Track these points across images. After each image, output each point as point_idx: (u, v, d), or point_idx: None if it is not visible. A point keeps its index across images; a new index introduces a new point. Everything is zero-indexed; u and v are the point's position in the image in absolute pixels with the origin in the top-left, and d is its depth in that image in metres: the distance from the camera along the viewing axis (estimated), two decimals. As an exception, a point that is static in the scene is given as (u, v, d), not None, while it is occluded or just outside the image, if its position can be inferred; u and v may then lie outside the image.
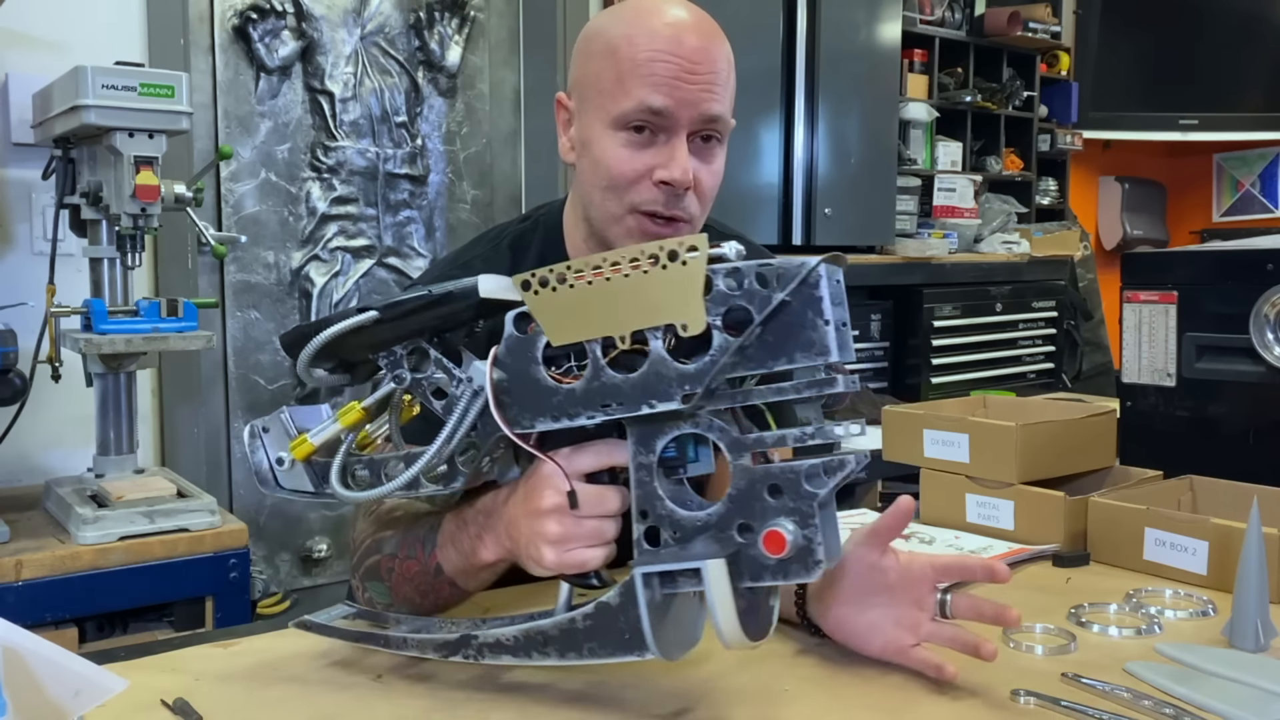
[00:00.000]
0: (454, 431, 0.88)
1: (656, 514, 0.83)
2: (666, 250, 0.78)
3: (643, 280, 0.79)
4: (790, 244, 3.20)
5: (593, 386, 0.83)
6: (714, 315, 0.79)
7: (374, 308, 0.88)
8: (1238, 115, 4.64)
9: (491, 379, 0.86)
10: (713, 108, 1.08)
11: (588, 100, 1.12)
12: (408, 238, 2.92)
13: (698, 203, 1.11)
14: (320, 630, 0.99)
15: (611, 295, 0.80)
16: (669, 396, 0.80)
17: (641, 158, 1.08)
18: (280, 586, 2.73)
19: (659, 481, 0.83)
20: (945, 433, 1.46)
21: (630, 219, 1.11)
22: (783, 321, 0.77)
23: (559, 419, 0.85)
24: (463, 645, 0.91)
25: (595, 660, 0.85)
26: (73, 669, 0.66)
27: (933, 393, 3.50)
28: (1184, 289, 1.57)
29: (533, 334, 0.85)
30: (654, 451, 0.83)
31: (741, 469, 0.81)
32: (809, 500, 0.79)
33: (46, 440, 2.26)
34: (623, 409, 0.82)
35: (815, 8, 3.17)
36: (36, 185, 2.23)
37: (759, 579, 0.81)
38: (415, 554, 1.01)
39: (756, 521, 0.81)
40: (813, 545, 0.79)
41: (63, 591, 1.75)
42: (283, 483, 0.97)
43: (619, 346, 0.82)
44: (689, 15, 1.10)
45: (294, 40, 2.67)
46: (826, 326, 0.76)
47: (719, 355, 0.78)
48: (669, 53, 1.06)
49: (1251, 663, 0.99)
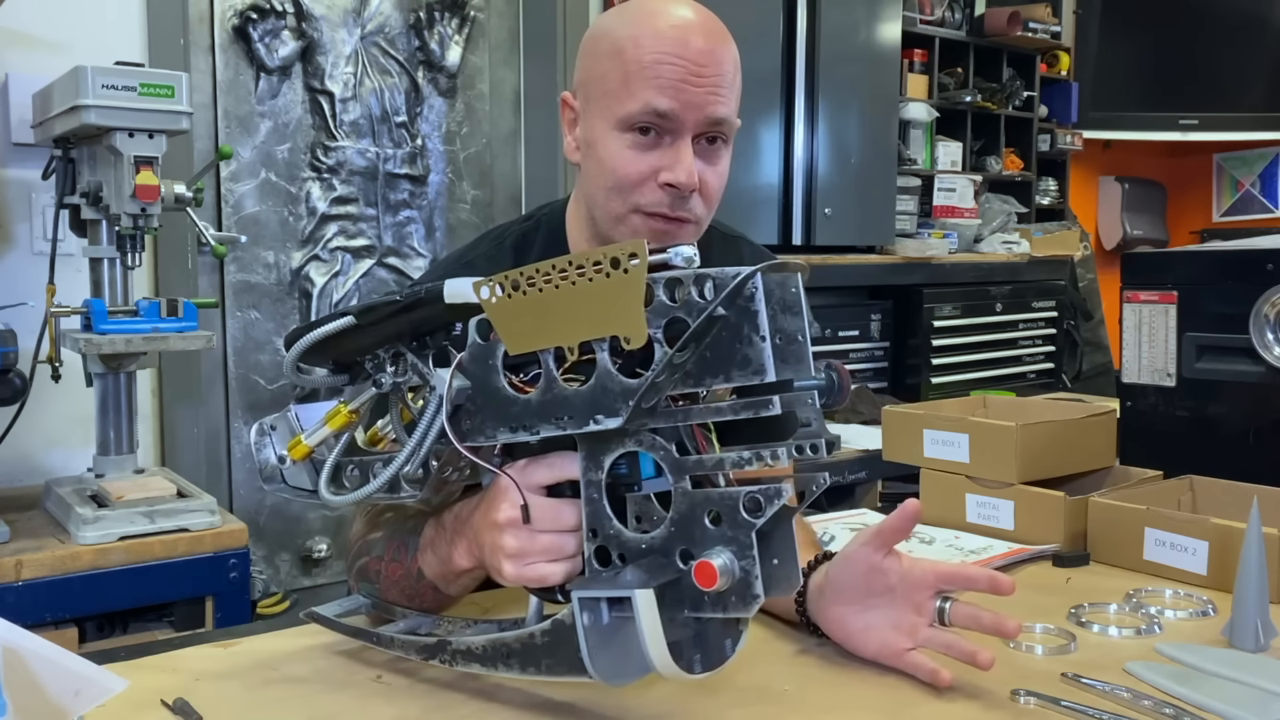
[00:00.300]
0: (422, 438, 0.86)
1: (605, 533, 0.80)
2: (610, 257, 0.73)
3: (589, 289, 0.75)
4: (790, 244, 3.20)
5: (546, 398, 0.80)
6: (655, 327, 0.73)
7: (350, 312, 0.88)
8: (1238, 115, 4.64)
9: (451, 388, 0.83)
10: (718, 110, 1.08)
11: (593, 101, 1.12)
12: (408, 238, 2.92)
13: (703, 204, 1.11)
14: (325, 623, 1.01)
15: (563, 303, 0.76)
16: (615, 412, 0.76)
17: (646, 159, 1.08)
18: (280, 586, 2.73)
19: (606, 500, 0.80)
20: (945, 433, 1.46)
21: (634, 219, 1.11)
22: (720, 337, 0.73)
23: (515, 430, 0.82)
24: (439, 650, 0.90)
25: (552, 678, 0.83)
26: (73, 669, 0.66)
27: (933, 393, 3.50)
28: (1184, 289, 1.57)
29: (494, 341, 0.83)
30: (602, 469, 0.80)
31: (682, 493, 0.77)
32: (746, 530, 0.74)
33: (46, 440, 2.26)
34: (573, 423, 0.78)
35: (815, 8, 3.17)
36: (36, 185, 2.23)
37: (699, 609, 0.76)
38: (399, 557, 1.01)
39: (697, 548, 0.76)
40: (750, 578, 0.74)
41: (63, 591, 1.75)
42: (288, 479, 0.98)
43: (568, 358, 0.78)
44: (696, 16, 1.09)
45: (294, 40, 2.67)
46: (763, 343, 0.71)
47: (658, 371, 0.74)
48: (675, 54, 1.06)
49: (1251, 663, 0.99)
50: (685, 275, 0.73)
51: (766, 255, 1.36)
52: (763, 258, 1.33)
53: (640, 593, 0.74)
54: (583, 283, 0.75)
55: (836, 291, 3.42)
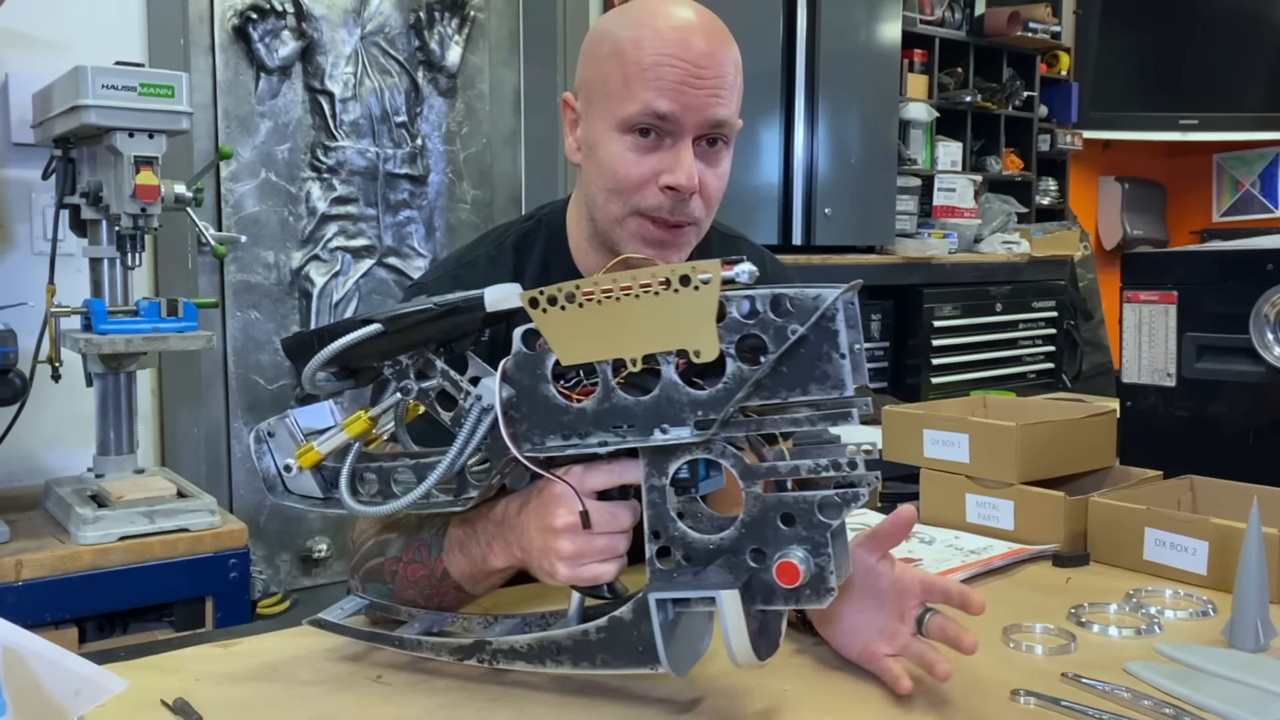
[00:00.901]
0: (464, 447, 0.88)
1: (669, 535, 0.84)
2: (679, 275, 0.77)
3: (654, 303, 0.79)
4: (790, 244, 3.20)
5: (604, 407, 0.83)
6: (727, 342, 0.78)
7: (378, 319, 0.88)
8: (1238, 115, 4.64)
9: (501, 397, 0.86)
10: (719, 112, 1.08)
11: (594, 102, 1.11)
12: (408, 238, 2.92)
13: (703, 206, 1.11)
14: (334, 629, 0.99)
15: (622, 316, 0.80)
16: (681, 421, 0.81)
17: (647, 161, 1.08)
18: (280, 586, 2.73)
19: (671, 503, 0.84)
20: (945, 433, 1.46)
21: (633, 221, 1.11)
22: (798, 354, 0.78)
23: (569, 438, 0.85)
24: (476, 650, 0.91)
25: (607, 671, 0.86)
26: (73, 669, 0.66)
27: (933, 393, 3.50)
28: (1184, 289, 1.57)
29: (541, 350, 0.85)
30: (666, 475, 0.84)
31: (754, 497, 0.82)
32: (822, 530, 0.80)
33: (46, 440, 2.26)
34: (633, 431, 0.82)
35: (815, 8, 3.17)
36: (36, 185, 2.23)
37: (770, 602, 0.82)
38: (421, 558, 1.01)
39: (769, 548, 0.82)
40: (825, 573, 0.80)
41: (63, 591, 1.75)
42: (291, 488, 0.96)
43: (629, 368, 0.82)
44: (696, 18, 1.09)
45: (294, 40, 2.67)
46: (843, 360, 0.77)
47: (734, 386, 0.78)
48: (676, 56, 1.05)
49: (1251, 663, 0.99)
50: (761, 295, 0.78)
51: (765, 255, 1.36)
52: (761, 256, 1.33)
53: (727, 593, 0.79)
54: (648, 298, 0.79)
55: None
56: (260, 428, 0.96)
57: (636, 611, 0.83)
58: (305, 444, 0.95)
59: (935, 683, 0.93)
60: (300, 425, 0.96)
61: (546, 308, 0.82)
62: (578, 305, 0.81)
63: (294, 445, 0.95)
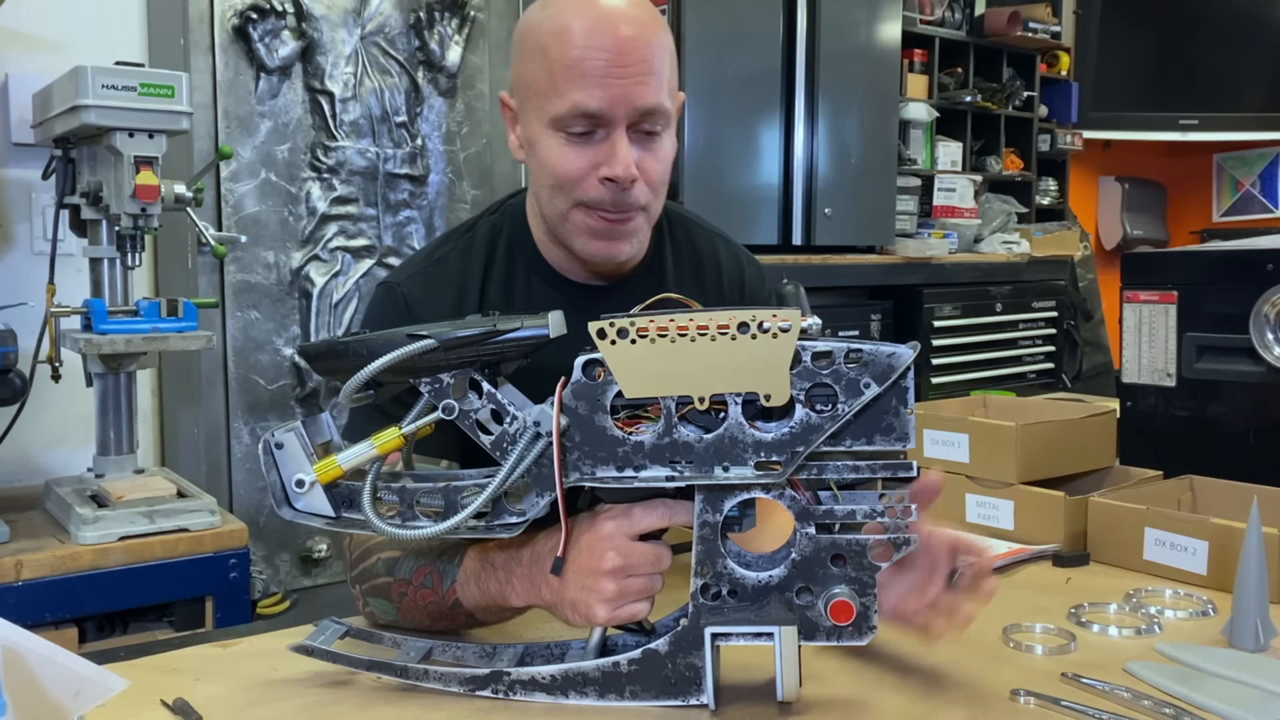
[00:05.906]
0: (510, 474, 0.87)
1: (715, 571, 0.87)
2: (758, 321, 0.81)
3: (727, 345, 0.82)
4: (790, 244, 3.20)
5: (663, 441, 0.85)
6: (798, 389, 0.82)
7: (431, 336, 0.86)
8: (1238, 115, 4.64)
9: (559, 427, 0.86)
10: (647, 99, 1.05)
11: (527, 100, 1.10)
12: (408, 238, 2.91)
13: (648, 191, 1.09)
14: (326, 657, 0.95)
15: (691, 355, 0.82)
16: (743, 461, 0.84)
17: (584, 155, 1.06)
18: (280, 586, 2.73)
19: (723, 540, 0.87)
20: (945, 433, 1.46)
21: (578, 215, 1.09)
22: (868, 406, 0.82)
23: (623, 469, 0.86)
24: (492, 681, 0.91)
25: (635, 703, 0.88)
26: (73, 669, 0.66)
27: (933, 393, 3.50)
28: (1184, 289, 1.57)
29: (602, 381, 0.85)
30: (721, 512, 0.86)
31: (808, 537, 0.85)
32: (871, 572, 0.85)
33: (46, 440, 2.26)
34: (692, 468, 0.84)
35: (815, 8, 3.17)
36: (36, 185, 2.23)
37: (812, 638, 0.86)
38: (432, 584, 1.00)
39: (817, 586, 0.86)
40: (869, 613, 0.85)
41: (63, 591, 1.75)
42: (298, 505, 0.93)
43: (695, 405, 0.84)
44: (618, 4, 1.06)
45: (294, 40, 2.67)
46: (910, 416, 0.82)
47: (800, 431, 0.82)
48: (598, 47, 1.03)
49: (1251, 663, 0.99)
50: (837, 348, 0.83)
51: (743, 254, 1.34)
52: (739, 255, 1.32)
53: (786, 629, 0.84)
54: (724, 341, 0.82)
55: (836, 292, 3.41)
56: (268, 438, 0.92)
57: (674, 645, 0.86)
58: (322, 458, 0.91)
59: (935, 682, 0.93)
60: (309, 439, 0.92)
61: (615, 339, 0.83)
62: (649, 340, 0.83)
63: (304, 458, 0.92)
